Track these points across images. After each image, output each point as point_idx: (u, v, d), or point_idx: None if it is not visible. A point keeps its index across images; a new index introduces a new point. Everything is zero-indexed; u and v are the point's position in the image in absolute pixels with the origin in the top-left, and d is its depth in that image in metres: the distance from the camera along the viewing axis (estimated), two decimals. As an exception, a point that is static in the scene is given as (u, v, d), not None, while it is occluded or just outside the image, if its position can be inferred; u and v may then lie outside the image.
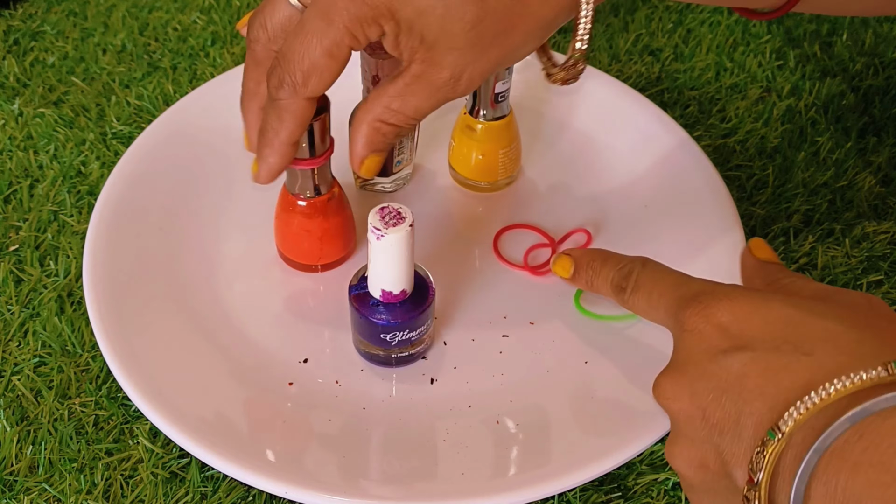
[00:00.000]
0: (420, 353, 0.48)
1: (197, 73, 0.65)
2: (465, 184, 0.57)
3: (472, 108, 0.53)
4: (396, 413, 0.46)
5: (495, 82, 0.51)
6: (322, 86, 0.38)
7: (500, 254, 0.53)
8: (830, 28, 0.70)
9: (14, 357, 0.48)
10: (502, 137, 0.54)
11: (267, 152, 0.41)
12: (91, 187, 0.56)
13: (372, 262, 0.43)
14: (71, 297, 0.50)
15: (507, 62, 0.39)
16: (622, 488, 0.43)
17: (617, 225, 0.55)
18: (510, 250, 0.53)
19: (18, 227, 0.54)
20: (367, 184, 0.56)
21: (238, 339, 0.48)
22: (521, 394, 0.46)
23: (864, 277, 0.52)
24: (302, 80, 0.38)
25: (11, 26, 0.68)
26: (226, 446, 0.42)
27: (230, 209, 0.55)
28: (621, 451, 0.43)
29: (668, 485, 0.43)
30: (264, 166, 0.42)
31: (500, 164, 0.55)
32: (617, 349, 0.48)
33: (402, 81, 0.38)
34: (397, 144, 0.53)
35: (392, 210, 0.41)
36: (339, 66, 0.38)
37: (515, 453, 0.44)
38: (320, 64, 0.37)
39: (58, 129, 0.60)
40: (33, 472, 0.43)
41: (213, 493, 0.43)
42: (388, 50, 0.38)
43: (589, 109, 0.61)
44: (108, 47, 0.67)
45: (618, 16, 0.71)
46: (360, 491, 0.41)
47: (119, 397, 0.46)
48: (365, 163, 0.41)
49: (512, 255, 0.53)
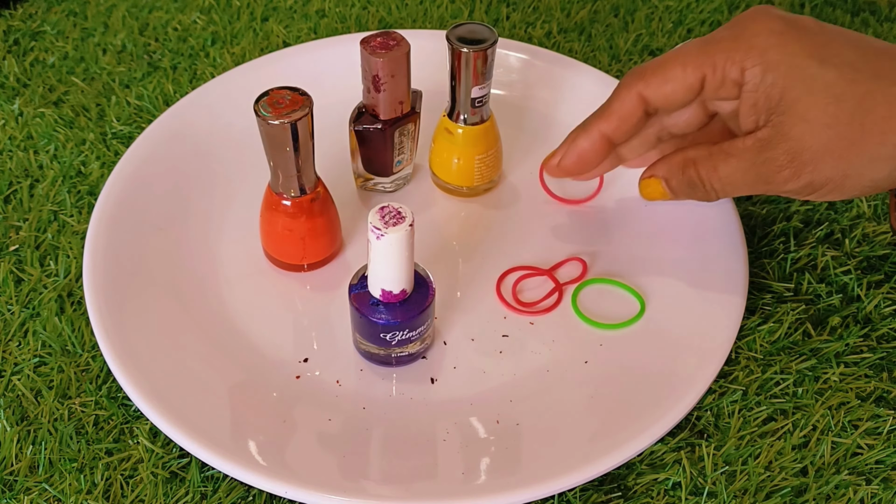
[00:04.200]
0: (420, 353, 0.48)
1: (197, 73, 0.65)
2: (445, 188, 0.56)
3: (451, 112, 0.53)
4: (396, 413, 0.46)
5: (472, 86, 0.51)
6: (658, 96, 0.43)
7: (502, 294, 0.53)
8: (830, 28, 0.70)
9: (14, 357, 0.48)
10: (480, 143, 0.54)
11: (580, 131, 0.46)
12: (91, 187, 0.56)
13: (372, 262, 0.43)
14: (71, 297, 0.50)
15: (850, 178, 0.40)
16: (622, 488, 0.43)
17: (616, 224, 0.55)
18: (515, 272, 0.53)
19: (18, 227, 0.54)
20: (367, 184, 0.56)
21: (238, 339, 0.48)
22: (521, 394, 0.46)
23: (865, 277, 0.52)
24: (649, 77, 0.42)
25: (11, 26, 0.68)
26: (226, 446, 0.42)
27: (230, 209, 0.55)
28: (621, 451, 0.43)
29: (667, 485, 0.43)
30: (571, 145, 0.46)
31: (477, 169, 0.54)
32: (617, 349, 0.48)
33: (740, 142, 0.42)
34: (397, 144, 0.53)
35: (392, 210, 0.41)
36: (683, 87, 0.42)
37: (515, 453, 0.44)
38: (671, 75, 0.42)
39: (58, 129, 0.60)
40: (33, 472, 0.43)
41: (213, 493, 0.43)
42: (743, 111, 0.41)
43: (589, 109, 0.60)
44: (108, 47, 0.67)
45: (618, 16, 0.71)
46: (360, 491, 0.41)
47: (119, 397, 0.46)
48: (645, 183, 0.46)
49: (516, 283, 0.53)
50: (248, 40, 0.67)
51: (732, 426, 0.45)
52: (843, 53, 0.39)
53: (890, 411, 0.46)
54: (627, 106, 0.44)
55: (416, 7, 0.71)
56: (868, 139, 0.39)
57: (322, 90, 0.53)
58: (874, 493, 0.43)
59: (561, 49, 0.67)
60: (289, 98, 0.45)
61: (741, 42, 0.40)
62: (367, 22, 0.70)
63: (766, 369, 0.48)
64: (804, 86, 0.39)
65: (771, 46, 0.39)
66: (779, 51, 0.39)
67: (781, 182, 0.41)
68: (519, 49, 0.63)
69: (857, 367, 0.48)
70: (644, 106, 0.44)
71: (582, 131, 0.46)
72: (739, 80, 0.40)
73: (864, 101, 0.38)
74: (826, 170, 0.40)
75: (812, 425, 0.46)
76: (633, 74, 0.44)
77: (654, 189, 0.47)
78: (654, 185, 0.46)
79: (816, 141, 0.39)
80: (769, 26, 0.40)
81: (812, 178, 0.40)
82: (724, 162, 0.42)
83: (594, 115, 0.46)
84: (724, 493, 0.43)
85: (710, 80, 0.41)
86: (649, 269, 0.52)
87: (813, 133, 0.39)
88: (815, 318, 0.51)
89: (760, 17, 0.41)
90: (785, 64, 0.39)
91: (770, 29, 0.40)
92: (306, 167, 0.47)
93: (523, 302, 0.50)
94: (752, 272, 0.52)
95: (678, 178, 0.45)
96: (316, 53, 0.63)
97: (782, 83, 0.39)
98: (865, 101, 0.38)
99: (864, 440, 0.45)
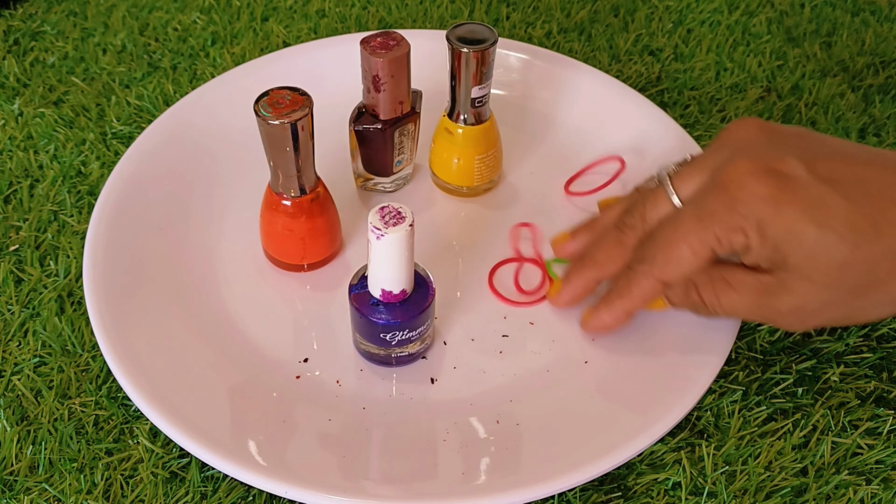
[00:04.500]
0: (420, 353, 0.48)
1: (197, 73, 0.65)
2: (445, 188, 0.56)
3: (451, 112, 0.53)
4: (396, 413, 0.45)
5: (472, 86, 0.51)
6: (676, 276, 0.43)
7: (495, 288, 0.53)
8: (830, 28, 0.70)
9: (14, 357, 0.48)
10: (480, 143, 0.54)
11: (604, 309, 0.46)
12: (91, 187, 0.56)
13: (372, 262, 0.43)
14: (71, 297, 0.50)
15: (853, 318, 0.42)
16: (622, 488, 0.43)
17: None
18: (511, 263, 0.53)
19: (18, 227, 0.54)
20: (367, 183, 0.56)
21: (238, 339, 0.48)
22: (521, 394, 0.46)
23: (864, 277, 0.52)
24: (661, 264, 0.43)
25: (11, 26, 0.68)
26: (226, 446, 0.42)
27: (230, 209, 0.55)
28: (621, 451, 0.43)
29: (667, 485, 0.43)
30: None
31: (477, 169, 0.55)
32: (617, 349, 0.48)
33: (742, 277, 0.42)
34: (397, 144, 0.53)
35: (392, 210, 0.41)
36: (697, 263, 0.42)
37: (515, 453, 0.44)
38: (682, 257, 0.42)
39: (58, 129, 0.60)
40: (33, 472, 0.43)
41: (213, 493, 0.43)
42: (745, 260, 0.42)
43: (589, 109, 0.61)
44: (108, 47, 0.67)
45: (618, 16, 0.71)
46: (360, 491, 0.41)
47: (119, 397, 0.46)
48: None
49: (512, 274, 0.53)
50: (248, 40, 0.67)
51: (732, 426, 0.45)
52: (838, 210, 0.39)
53: (890, 411, 0.46)
54: (646, 290, 0.44)
55: (416, 7, 0.71)
56: (871, 293, 0.40)
57: (322, 90, 0.53)
58: (874, 493, 0.43)
59: (561, 49, 0.67)
60: (289, 98, 0.45)
61: (735, 213, 0.40)
62: (367, 22, 0.70)
63: (766, 369, 0.48)
64: (805, 252, 0.39)
65: (764, 214, 0.39)
66: (773, 218, 0.39)
67: (785, 325, 0.43)
68: (519, 49, 0.63)
69: (857, 367, 0.48)
70: (663, 286, 0.44)
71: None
72: (745, 246, 0.41)
73: (867, 263, 0.39)
74: (829, 316, 0.41)
75: (812, 425, 0.46)
76: (643, 262, 0.44)
77: (656, 302, 0.46)
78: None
79: (820, 298, 0.40)
80: (756, 192, 0.40)
81: (815, 324, 0.42)
82: (726, 293, 0.43)
83: (616, 295, 0.45)
84: (724, 493, 0.43)
85: (718, 251, 0.42)
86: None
87: (817, 292, 0.40)
88: (815, 318, 0.51)
89: (747, 181, 0.40)
90: (781, 230, 0.39)
91: (758, 195, 0.40)
92: (306, 167, 0.47)
93: (525, 290, 0.51)
94: (752, 272, 0.52)
95: (680, 297, 0.45)
96: (316, 53, 0.63)
97: (784, 249, 0.39)
98: (868, 262, 0.39)
99: (864, 440, 0.45)
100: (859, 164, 0.41)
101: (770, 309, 0.42)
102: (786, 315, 0.41)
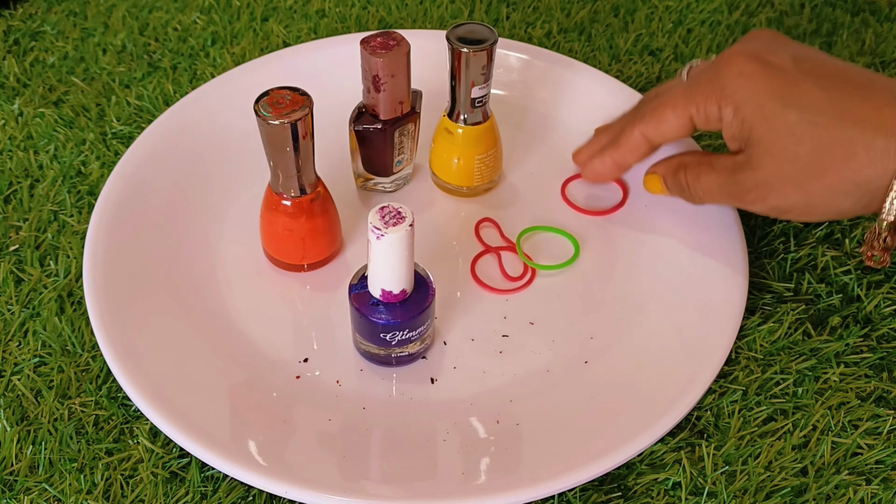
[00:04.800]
0: (420, 353, 0.48)
1: (197, 73, 0.65)
2: (445, 188, 0.56)
3: (451, 112, 0.53)
4: (396, 413, 0.46)
5: (472, 86, 0.51)
6: (658, 135, 0.48)
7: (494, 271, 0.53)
8: (830, 28, 0.70)
9: (14, 357, 0.48)
10: (480, 143, 0.54)
11: (598, 159, 0.52)
12: (91, 187, 0.56)
13: (372, 262, 0.43)
14: (71, 297, 0.50)
15: (813, 208, 0.44)
16: (622, 488, 0.43)
17: (617, 224, 0.55)
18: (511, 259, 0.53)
19: (18, 227, 0.54)
20: (367, 183, 0.56)
21: (238, 339, 0.48)
22: (521, 394, 0.46)
23: (865, 278, 0.52)
24: (647, 121, 0.48)
25: (11, 26, 0.68)
26: (226, 446, 0.42)
27: (230, 209, 0.55)
28: (621, 451, 0.43)
29: (667, 485, 0.43)
30: (590, 167, 0.53)
31: (477, 169, 0.55)
32: (617, 349, 0.48)
33: (723, 160, 0.46)
34: (397, 144, 0.53)
35: (392, 210, 0.41)
36: (678, 126, 0.47)
37: (515, 453, 0.44)
38: (666, 118, 0.47)
39: (58, 129, 0.60)
40: (33, 472, 0.43)
41: (213, 493, 0.43)
42: (724, 135, 0.46)
43: (589, 110, 0.61)
44: (108, 47, 0.67)
45: (618, 16, 0.71)
46: (360, 491, 0.41)
47: (119, 397, 0.46)
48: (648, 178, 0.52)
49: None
50: (248, 40, 0.67)
51: (732, 426, 0.45)
52: (808, 94, 0.43)
53: (890, 411, 0.46)
54: (633, 142, 0.49)
55: (416, 7, 0.71)
56: (827, 176, 0.42)
57: (322, 90, 0.53)
58: (874, 493, 0.43)
59: (561, 49, 0.67)
60: (289, 98, 0.45)
61: (716, 84, 0.45)
62: (367, 22, 0.70)
63: (766, 369, 0.48)
64: (767, 125, 0.43)
65: (739, 87, 0.44)
66: (746, 91, 0.44)
67: (749, 202, 0.46)
68: (519, 49, 0.63)
69: (857, 367, 0.48)
70: (647, 143, 0.49)
71: (599, 158, 0.52)
72: (718, 116, 0.45)
73: (823, 142, 0.42)
74: (790, 197, 0.44)
75: (812, 425, 0.46)
76: (635, 115, 0.50)
77: (654, 184, 0.52)
78: (655, 181, 0.52)
79: (780, 173, 0.43)
80: (740, 69, 0.44)
81: (776, 204, 0.44)
82: (706, 174, 0.47)
83: (610, 147, 0.51)
84: (724, 493, 0.43)
85: (696, 118, 0.46)
86: (649, 269, 0.52)
87: (777, 166, 0.43)
88: (815, 318, 0.51)
89: (735, 59, 0.45)
90: (751, 103, 0.43)
91: (740, 71, 0.44)
92: (306, 167, 0.47)
93: (513, 277, 0.52)
94: (752, 272, 0.52)
95: (671, 179, 0.50)
96: (316, 53, 0.63)
97: (750, 121, 0.44)
98: (824, 142, 0.42)
99: (864, 440, 0.45)
100: (849, 71, 0.44)
101: (736, 186, 0.45)
102: (749, 190, 0.45)
